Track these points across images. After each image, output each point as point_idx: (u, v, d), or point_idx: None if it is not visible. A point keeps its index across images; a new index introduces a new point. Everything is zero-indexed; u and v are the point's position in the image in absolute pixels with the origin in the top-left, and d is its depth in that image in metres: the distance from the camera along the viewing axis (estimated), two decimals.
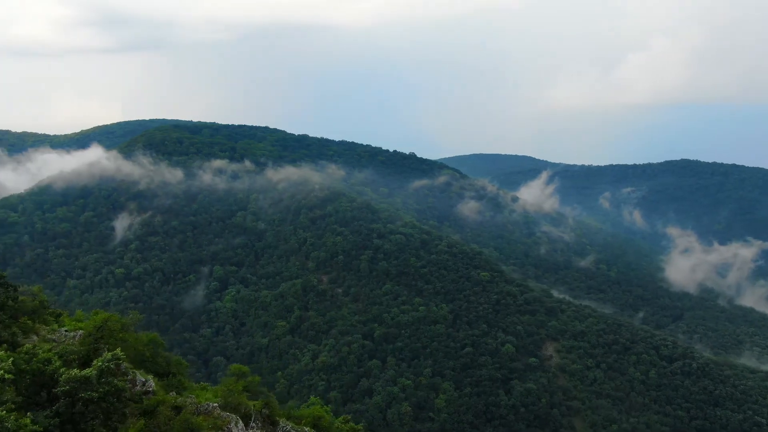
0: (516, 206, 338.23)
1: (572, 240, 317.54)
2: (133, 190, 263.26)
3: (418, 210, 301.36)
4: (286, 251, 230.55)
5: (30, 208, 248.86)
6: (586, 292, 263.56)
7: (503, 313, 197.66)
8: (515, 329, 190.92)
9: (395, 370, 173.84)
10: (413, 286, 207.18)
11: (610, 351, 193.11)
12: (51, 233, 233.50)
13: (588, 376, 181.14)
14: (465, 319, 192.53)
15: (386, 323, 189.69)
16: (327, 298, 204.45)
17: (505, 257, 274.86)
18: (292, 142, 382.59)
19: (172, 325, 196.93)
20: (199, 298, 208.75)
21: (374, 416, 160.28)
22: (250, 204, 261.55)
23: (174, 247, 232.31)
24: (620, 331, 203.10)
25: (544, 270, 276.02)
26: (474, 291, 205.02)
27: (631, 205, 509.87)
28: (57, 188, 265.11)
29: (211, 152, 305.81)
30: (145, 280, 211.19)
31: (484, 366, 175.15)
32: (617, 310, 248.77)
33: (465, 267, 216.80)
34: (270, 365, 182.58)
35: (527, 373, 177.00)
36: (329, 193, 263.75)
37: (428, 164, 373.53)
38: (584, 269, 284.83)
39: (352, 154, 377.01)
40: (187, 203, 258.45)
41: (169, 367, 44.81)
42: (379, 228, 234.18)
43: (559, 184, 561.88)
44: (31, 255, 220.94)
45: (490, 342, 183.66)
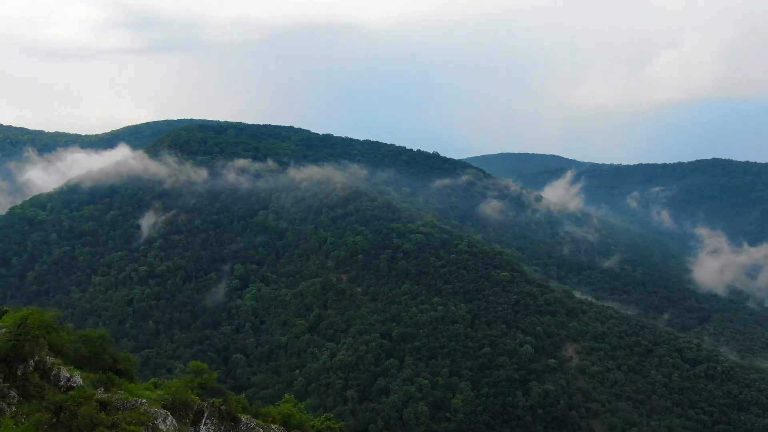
0: (539, 206, 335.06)
1: (596, 240, 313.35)
2: (158, 189, 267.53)
3: (440, 210, 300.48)
4: (307, 250, 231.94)
5: (58, 206, 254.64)
6: (610, 293, 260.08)
7: (523, 314, 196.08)
8: (535, 330, 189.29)
9: (412, 369, 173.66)
10: (432, 285, 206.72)
11: (631, 353, 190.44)
12: (78, 231, 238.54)
13: (608, 378, 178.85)
14: (484, 320, 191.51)
15: (404, 323, 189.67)
16: (346, 297, 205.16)
17: (528, 257, 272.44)
18: (316, 141, 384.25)
19: (193, 322, 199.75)
20: (220, 295, 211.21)
21: (390, 415, 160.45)
22: (272, 203, 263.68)
23: (197, 245, 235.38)
24: (643, 332, 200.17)
25: (567, 270, 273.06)
26: (493, 291, 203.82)
27: (660, 205, 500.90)
28: (85, 187, 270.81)
29: (235, 152, 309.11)
30: (167, 278, 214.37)
31: (502, 366, 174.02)
32: (641, 312, 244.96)
33: (485, 267, 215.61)
34: (288, 363, 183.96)
35: (546, 374, 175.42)
36: (350, 193, 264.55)
37: (451, 163, 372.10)
38: (608, 270, 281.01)
39: (375, 154, 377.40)
40: (211, 202, 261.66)
41: (116, 363, 45.49)
42: (399, 227, 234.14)
43: (586, 183, 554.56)
44: (58, 252, 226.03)
45: (509, 342, 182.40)
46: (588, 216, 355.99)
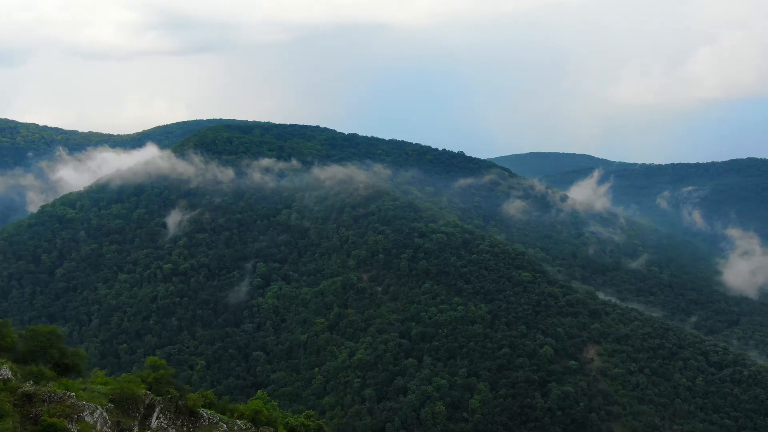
0: (565, 206, 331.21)
1: (623, 241, 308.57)
2: (184, 188, 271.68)
3: (464, 209, 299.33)
4: (328, 249, 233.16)
5: (87, 204, 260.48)
6: (635, 294, 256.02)
7: (543, 315, 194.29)
8: (555, 331, 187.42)
9: (431, 369, 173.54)
10: (452, 285, 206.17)
11: (655, 355, 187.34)
12: (105, 229, 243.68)
13: (630, 381, 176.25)
14: (503, 320, 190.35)
15: (424, 322, 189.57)
16: (366, 296, 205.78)
17: (552, 258, 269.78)
18: (341, 141, 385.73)
19: (215, 319, 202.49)
20: (242, 293, 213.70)
21: (408, 415, 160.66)
22: (295, 202, 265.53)
23: (220, 243, 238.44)
24: (667, 335, 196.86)
25: (592, 271, 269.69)
26: (514, 291, 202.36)
27: (691, 206, 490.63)
28: (113, 186, 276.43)
29: (260, 151, 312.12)
30: (191, 276, 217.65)
31: (521, 368, 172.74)
32: (667, 314, 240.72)
33: (506, 267, 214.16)
34: (308, 361, 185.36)
35: (566, 376, 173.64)
36: (373, 192, 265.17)
37: (476, 163, 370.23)
38: (634, 271, 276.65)
39: (400, 153, 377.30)
40: (235, 201, 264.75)
41: (63, 358, 46.51)
42: (420, 227, 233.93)
43: (616, 183, 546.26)
44: (86, 250, 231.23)
45: (528, 343, 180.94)
46: (615, 216, 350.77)
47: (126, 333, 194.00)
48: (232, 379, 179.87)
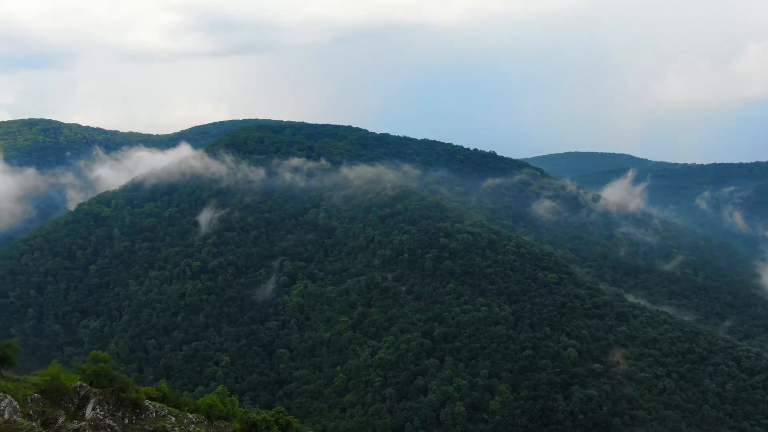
0: (597, 206, 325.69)
1: (657, 242, 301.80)
2: (215, 188, 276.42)
3: (493, 209, 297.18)
4: (354, 248, 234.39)
5: (121, 203, 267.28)
6: (668, 297, 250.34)
7: (569, 317, 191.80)
8: (580, 333, 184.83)
9: (452, 369, 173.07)
10: (477, 285, 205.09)
11: (683, 360, 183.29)
12: (138, 227, 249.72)
13: (657, 386, 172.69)
14: (527, 321, 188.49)
15: (446, 322, 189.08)
16: (390, 296, 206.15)
17: (581, 259, 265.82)
18: (372, 141, 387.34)
19: (241, 316, 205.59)
20: (268, 291, 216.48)
21: (427, 415, 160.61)
22: (323, 202, 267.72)
23: (249, 242, 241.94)
24: (697, 339, 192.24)
25: (623, 273, 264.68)
26: (539, 293, 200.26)
27: (732, 207, 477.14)
28: (147, 185, 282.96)
29: (290, 151, 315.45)
30: (219, 273, 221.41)
31: (544, 370, 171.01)
32: (700, 318, 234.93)
33: (532, 268, 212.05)
34: (330, 359, 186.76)
35: (589, 379, 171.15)
36: (400, 192, 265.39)
37: (507, 163, 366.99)
38: (668, 273, 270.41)
39: (430, 153, 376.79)
40: (264, 200, 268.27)
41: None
42: (446, 227, 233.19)
43: (654, 183, 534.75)
44: (119, 247, 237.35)
45: (552, 345, 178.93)
46: (649, 217, 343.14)
47: (154, 329, 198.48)
48: (256, 375, 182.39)
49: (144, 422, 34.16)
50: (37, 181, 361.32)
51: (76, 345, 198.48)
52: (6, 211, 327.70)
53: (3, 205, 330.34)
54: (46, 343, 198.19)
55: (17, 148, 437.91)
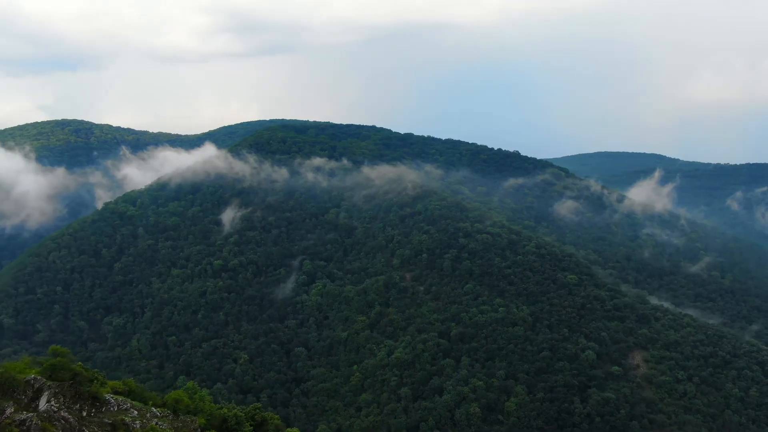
0: (621, 206, 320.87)
1: (683, 243, 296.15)
2: (237, 187, 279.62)
3: (515, 210, 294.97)
4: (374, 248, 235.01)
5: (146, 202, 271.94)
6: (693, 300, 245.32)
7: (588, 318, 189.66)
8: (599, 335, 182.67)
9: (468, 370, 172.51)
10: (495, 286, 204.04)
11: (706, 364, 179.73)
12: (162, 226, 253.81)
13: (677, 390, 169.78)
14: (545, 323, 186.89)
15: (464, 323, 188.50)
16: (408, 296, 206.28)
17: (604, 260, 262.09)
18: (395, 141, 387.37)
19: (260, 315, 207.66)
20: (287, 290, 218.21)
21: (442, 415, 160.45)
22: (344, 201, 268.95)
23: (269, 241, 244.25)
24: (721, 343, 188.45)
25: (647, 275, 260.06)
26: (558, 294, 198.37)
27: (765, 207, 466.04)
28: (172, 184, 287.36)
29: (312, 151, 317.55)
30: (239, 272, 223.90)
31: (561, 371, 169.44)
32: (726, 321, 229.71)
33: (552, 269, 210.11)
34: (347, 358, 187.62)
35: (608, 381, 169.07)
36: (421, 192, 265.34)
37: (531, 163, 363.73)
38: (693, 275, 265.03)
39: (453, 153, 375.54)
40: (286, 200, 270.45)
41: None
42: (466, 227, 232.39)
43: (684, 184, 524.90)
44: (143, 245, 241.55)
45: (570, 347, 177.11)
46: (676, 217, 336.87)
47: (175, 326, 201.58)
48: (273, 373, 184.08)
49: (103, 415, 34.97)
50: (67, 180, 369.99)
51: (100, 341, 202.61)
52: (37, 209, 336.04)
53: (34, 204, 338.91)
54: (71, 339, 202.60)
55: (50, 148, 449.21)
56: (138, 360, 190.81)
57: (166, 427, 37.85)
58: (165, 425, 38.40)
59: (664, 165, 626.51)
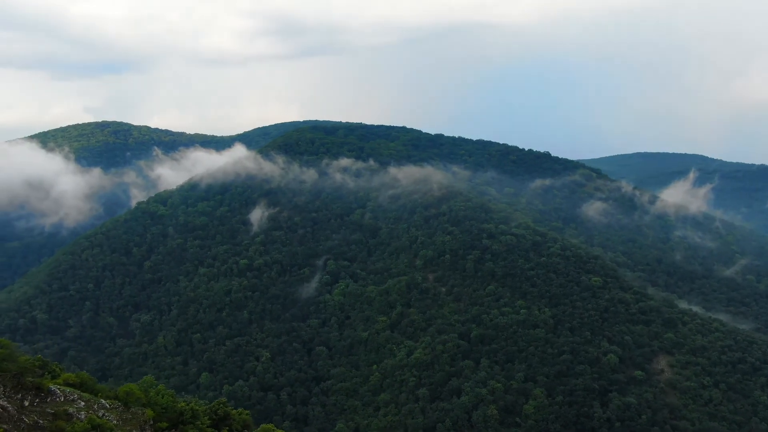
0: (654, 208, 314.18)
1: (717, 246, 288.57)
2: (265, 188, 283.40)
3: (543, 211, 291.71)
4: (397, 248, 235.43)
5: (177, 202, 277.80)
6: (725, 304, 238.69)
7: (611, 322, 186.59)
8: (622, 339, 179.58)
9: (487, 372, 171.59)
10: (518, 288, 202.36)
11: (734, 370, 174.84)
12: (191, 225, 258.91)
13: (702, 396, 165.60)
14: (567, 325, 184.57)
15: (484, 324, 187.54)
16: (429, 296, 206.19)
17: (633, 263, 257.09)
18: (424, 141, 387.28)
19: (283, 313, 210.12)
20: (311, 290, 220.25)
21: (459, 416, 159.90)
22: (369, 202, 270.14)
23: (295, 241, 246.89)
24: (750, 349, 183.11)
25: (678, 278, 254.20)
26: (582, 296, 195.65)
27: None
28: (202, 185, 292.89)
29: (340, 152, 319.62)
30: (264, 271, 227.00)
31: (581, 375, 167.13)
32: (759, 327, 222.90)
33: (576, 271, 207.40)
34: (367, 358, 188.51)
35: (630, 386, 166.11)
36: (446, 192, 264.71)
37: (562, 163, 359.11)
38: (727, 279, 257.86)
39: (483, 153, 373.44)
40: (312, 200, 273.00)
41: None
42: (490, 228, 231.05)
43: (724, 185, 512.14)
44: (172, 244, 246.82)
45: (591, 351, 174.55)
46: (710, 219, 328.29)
47: (200, 323, 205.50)
48: (294, 372, 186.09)
49: (47, 405, 36.29)
50: (103, 180, 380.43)
51: (128, 337, 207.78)
52: (75, 208, 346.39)
53: (72, 203, 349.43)
54: (101, 335, 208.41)
55: (89, 149, 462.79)
56: (163, 356, 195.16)
57: (112, 419, 39.07)
58: (112, 417, 39.63)
59: (704, 165, 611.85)
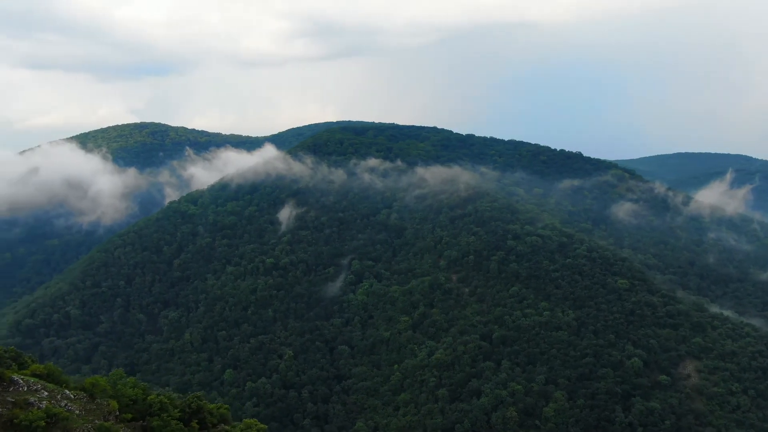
0: (688, 209, 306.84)
1: (754, 249, 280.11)
2: (294, 188, 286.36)
3: (572, 212, 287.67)
4: (422, 249, 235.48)
5: (207, 201, 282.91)
6: (760, 309, 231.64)
7: (637, 325, 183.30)
8: (648, 343, 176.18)
9: (508, 373, 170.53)
10: (541, 289, 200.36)
11: (764, 376, 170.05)
12: (220, 224, 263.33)
13: (730, 402, 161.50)
14: (591, 328, 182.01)
15: (506, 325, 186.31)
16: (452, 297, 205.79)
17: (665, 265, 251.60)
18: (455, 142, 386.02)
19: (307, 312, 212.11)
20: (335, 289, 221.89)
21: (478, 417, 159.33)
22: (396, 202, 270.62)
23: (321, 240, 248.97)
24: None
25: (711, 281, 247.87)
26: (607, 299, 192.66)
27: None
28: (232, 185, 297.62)
29: (368, 153, 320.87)
30: (289, 270, 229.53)
31: (604, 378, 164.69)
32: None
33: (602, 273, 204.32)
34: (388, 358, 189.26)
35: (654, 390, 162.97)
36: (473, 193, 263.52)
37: (593, 164, 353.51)
38: (763, 283, 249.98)
39: (513, 154, 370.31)
40: (339, 200, 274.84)
41: None
42: (515, 229, 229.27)
43: (764, 185, 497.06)
44: (201, 243, 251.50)
45: (615, 354, 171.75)
46: (747, 221, 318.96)
47: (226, 321, 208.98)
48: (316, 370, 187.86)
49: (8, 394, 37.78)
50: (139, 179, 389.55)
51: (156, 333, 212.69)
52: (111, 207, 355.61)
53: (109, 202, 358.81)
54: (130, 331, 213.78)
55: (127, 149, 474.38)
56: (189, 352, 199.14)
57: (74, 409, 40.47)
58: (74, 407, 41.03)
59: (746, 166, 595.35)
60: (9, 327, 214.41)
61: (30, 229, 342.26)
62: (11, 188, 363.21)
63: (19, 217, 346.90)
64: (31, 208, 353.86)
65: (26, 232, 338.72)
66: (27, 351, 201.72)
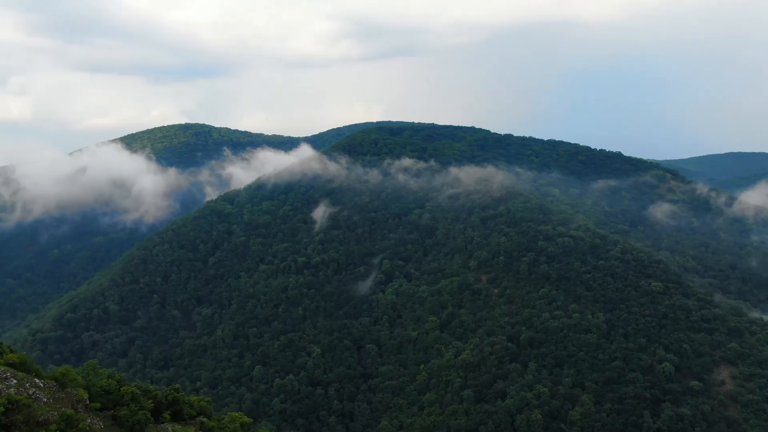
0: (731, 211, 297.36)
1: None
2: (327, 188, 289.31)
3: (608, 213, 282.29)
4: (452, 249, 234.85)
5: (243, 201, 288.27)
6: None
7: (669, 329, 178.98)
8: (680, 347, 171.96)
9: (534, 375, 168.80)
10: (572, 291, 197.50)
11: None
12: (254, 224, 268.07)
13: (766, 410, 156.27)
14: (621, 331, 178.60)
15: (534, 327, 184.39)
16: (481, 298, 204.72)
17: (704, 268, 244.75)
18: (491, 142, 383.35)
19: (336, 311, 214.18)
20: (365, 288, 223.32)
21: (502, 419, 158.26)
22: (428, 202, 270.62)
23: (352, 240, 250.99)
24: None
25: (753, 285, 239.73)
26: (639, 302, 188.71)
27: None
28: (268, 185, 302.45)
29: (402, 152, 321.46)
30: (320, 269, 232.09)
31: (633, 383, 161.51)
32: None
33: (635, 275, 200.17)
34: (415, 358, 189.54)
35: (685, 396, 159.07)
36: (505, 193, 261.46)
37: (633, 164, 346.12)
38: None
39: (551, 154, 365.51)
40: (372, 200, 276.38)
41: None
42: (547, 230, 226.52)
43: None
44: (235, 242, 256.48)
45: (645, 358, 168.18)
46: None
47: (257, 318, 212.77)
48: (343, 368, 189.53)
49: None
50: (180, 179, 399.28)
51: (190, 329, 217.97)
52: (153, 206, 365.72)
53: (151, 201, 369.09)
54: (165, 326, 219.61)
55: (170, 150, 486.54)
56: (221, 348, 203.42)
57: (42, 397, 42.36)
58: (42, 395, 42.89)
59: None
60: (52, 321, 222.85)
61: (77, 226, 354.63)
62: (60, 187, 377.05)
63: (66, 214, 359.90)
64: (79, 207, 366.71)
65: (73, 230, 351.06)
66: (67, 345, 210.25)
